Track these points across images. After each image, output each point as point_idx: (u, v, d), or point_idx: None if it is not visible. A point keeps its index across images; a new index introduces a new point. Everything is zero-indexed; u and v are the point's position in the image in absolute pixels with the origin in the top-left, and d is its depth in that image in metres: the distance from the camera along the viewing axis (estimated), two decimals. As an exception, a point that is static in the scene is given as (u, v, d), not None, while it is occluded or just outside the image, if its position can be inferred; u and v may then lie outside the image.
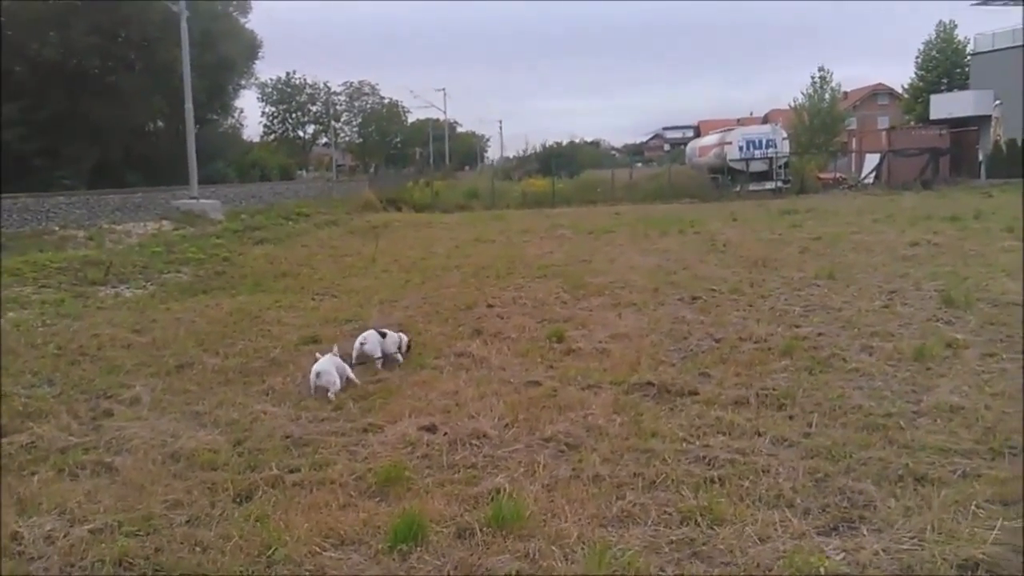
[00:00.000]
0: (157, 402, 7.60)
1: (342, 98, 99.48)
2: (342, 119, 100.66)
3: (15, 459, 6.14)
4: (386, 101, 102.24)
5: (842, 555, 4.32)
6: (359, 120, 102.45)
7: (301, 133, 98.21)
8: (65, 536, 4.76)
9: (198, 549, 4.58)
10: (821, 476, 5.40)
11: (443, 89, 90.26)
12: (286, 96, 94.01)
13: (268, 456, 6.09)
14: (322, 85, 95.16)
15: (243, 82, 61.77)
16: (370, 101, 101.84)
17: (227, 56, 52.18)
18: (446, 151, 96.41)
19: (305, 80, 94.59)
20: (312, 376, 7.77)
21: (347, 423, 6.90)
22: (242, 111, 69.33)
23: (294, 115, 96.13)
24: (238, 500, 5.34)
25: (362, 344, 8.75)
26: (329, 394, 7.58)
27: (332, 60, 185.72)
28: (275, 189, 42.65)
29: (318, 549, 4.56)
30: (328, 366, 7.80)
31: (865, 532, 4.60)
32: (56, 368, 8.88)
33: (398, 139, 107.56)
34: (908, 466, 5.46)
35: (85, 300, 13.54)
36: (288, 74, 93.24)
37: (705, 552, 4.44)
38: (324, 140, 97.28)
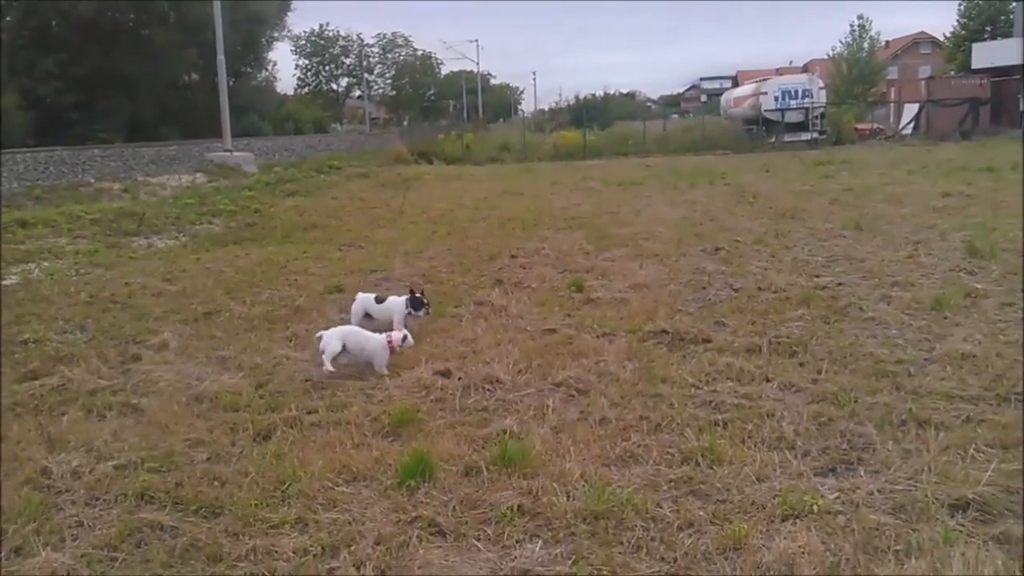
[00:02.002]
0: (184, 347, 7.84)
1: (375, 50, 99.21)
2: (375, 72, 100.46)
3: (46, 400, 6.40)
4: (419, 53, 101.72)
5: (836, 494, 4.42)
6: (392, 73, 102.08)
7: (335, 86, 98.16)
8: (91, 471, 4.99)
9: (216, 483, 4.80)
10: (825, 420, 5.48)
11: (476, 40, 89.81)
12: (319, 49, 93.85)
13: (288, 398, 6.30)
14: (355, 37, 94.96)
15: (276, 35, 61.95)
16: (403, 53, 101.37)
17: (259, 9, 52.30)
18: (479, 103, 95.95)
19: (338, 32, 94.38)
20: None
21: (364, 370, 7.07)
22: (275, 64, 69.62)
23: (327, 68, 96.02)
24: (257, 439, 5.54)
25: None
26: (325, 360, 6.85)
27: (365, 12, 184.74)
28: (308, 142, 42.83)
29: (330, 484, 4.74)
30: (331, 334, 7.13)
31: (862, 473, 4.69)
32: (88, 315, 9.17)
33: (432, 92, 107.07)
34: (912, 411, 5.52)
35: (118, 251, 13.86)
36: (321, 26, 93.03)
37: (702, 490, 4.56)
38: (358, 93, 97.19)
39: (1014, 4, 61.27)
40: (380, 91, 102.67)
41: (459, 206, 19.83)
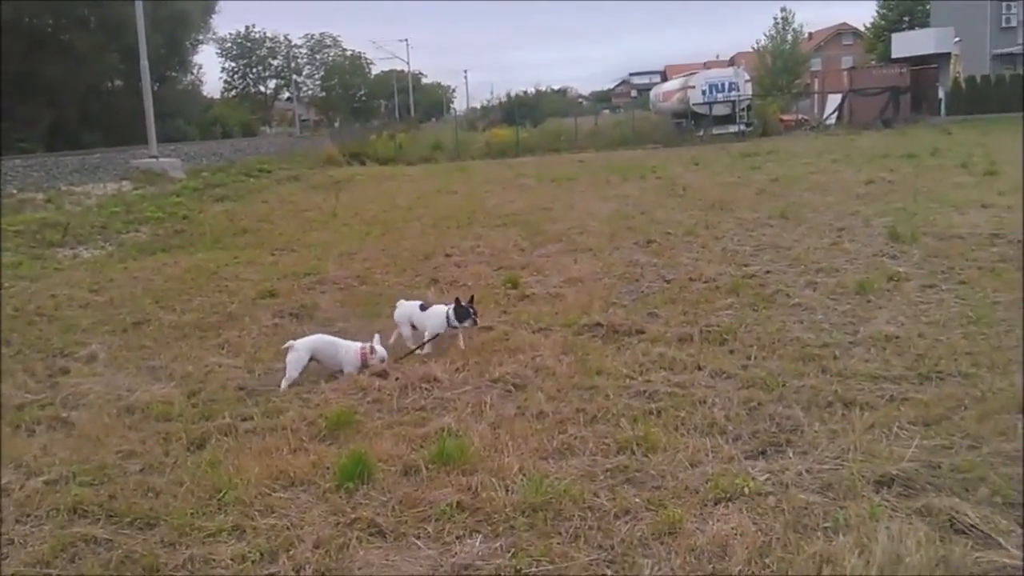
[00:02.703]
0: (113, 358, 7.70)
1: (303, 51, 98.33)
2: (304, 73, 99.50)
3: (-30, 418, 6.22)
4: (348, 53, 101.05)
5: (767, 476, 4.54)
6: (322, 73, 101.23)
7: (263, 88, 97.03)
8: (21, 488, 4.87)
9: (151, 494, 4.72)
10: (754, 405, 5.63)
11: (406, 40, 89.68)
12: (246, 51, 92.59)
13: (221, 406, 6.22)
14: (283, 38, 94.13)
15: (201, 37, 60.96)
16: (332, 54, 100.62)
17: (183, 10, 51.29)
18: (411, 103, 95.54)
19: (265, 34, 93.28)
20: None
21: (301, 373, 7.01)
22: (201, 67, 68.49)
23: (255, 70, 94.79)
24: (191, 448, 5.48)
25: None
26: (285, 378, 6.74)
27: (292, 13, 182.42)
28: (237, 146, 42.18)
29: (267, 491, 4.71)
30: (301, 344, 6.91)
31: (791, 454, 4.83)
32: (13, 329, 8.92)
33: (362, 92, 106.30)
34: (837, 392, 5.70)
35: (43, 262, 13.50)
36: (247, 28, 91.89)
37: (638, 478, 4.65)
38: (287, 95, 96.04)
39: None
40: (309, 92, 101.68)
41: (393, 206, 19.75)
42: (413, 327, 7.73)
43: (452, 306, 7.37)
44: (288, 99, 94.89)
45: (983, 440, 4.83)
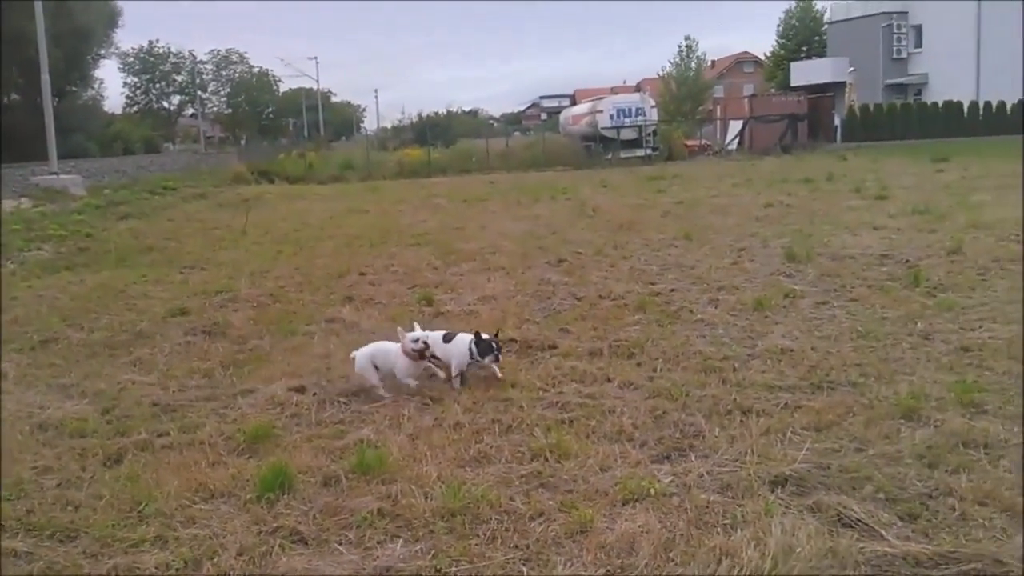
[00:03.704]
0: (22, 376, 7.54)
1: (209, 67, 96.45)
2: (209, 89, 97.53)
3: None
4: (256, 70, 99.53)
5: (671, 478, 4.83)
6: (227, 90, 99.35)
7: (166, 104, 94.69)
8: (-69, 504, 4.80)
9: (70, 508, 4.72)
10: (660, 413, 5.93)
11: (315, 58, 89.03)
12: (149, 66, 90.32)
13: (137, 422, 6.20)
14: (187, 54, 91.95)
15: (102, 51, 59.21)
16: (239, 70, 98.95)
17: (84, 24, 49.83)
18: (320, 121, 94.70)
19: (169, 49, 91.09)
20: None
21: (216, 389, 7.04)
22: (102, 82, 66.37)
23: (158, 85, 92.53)
24: (108, 464, 5.46)
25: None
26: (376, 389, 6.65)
27: (197, 28, 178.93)
28: (139, 163, 41.25)
29: (188, 503, 4.76)
30: (359, 355, 6.81)
31: (693, 458, 5.14)
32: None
33: (270, 109, 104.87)
34: (736, 401, 6.06)
35: (-62, 281, 13.01)
36: (151, 42, 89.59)
37: (551, 482, 4.88)
38: (191, 111, 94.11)
39: (826, 26, 66.40)
40: (215, 109, 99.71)
41: (304, 225, 19.66)
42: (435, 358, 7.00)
43: (471, 339, 6.83)
44: (192, 115, 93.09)
45: (869, 443, 5.23)
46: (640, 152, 42.94)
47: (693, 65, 67.06)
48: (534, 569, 3.95)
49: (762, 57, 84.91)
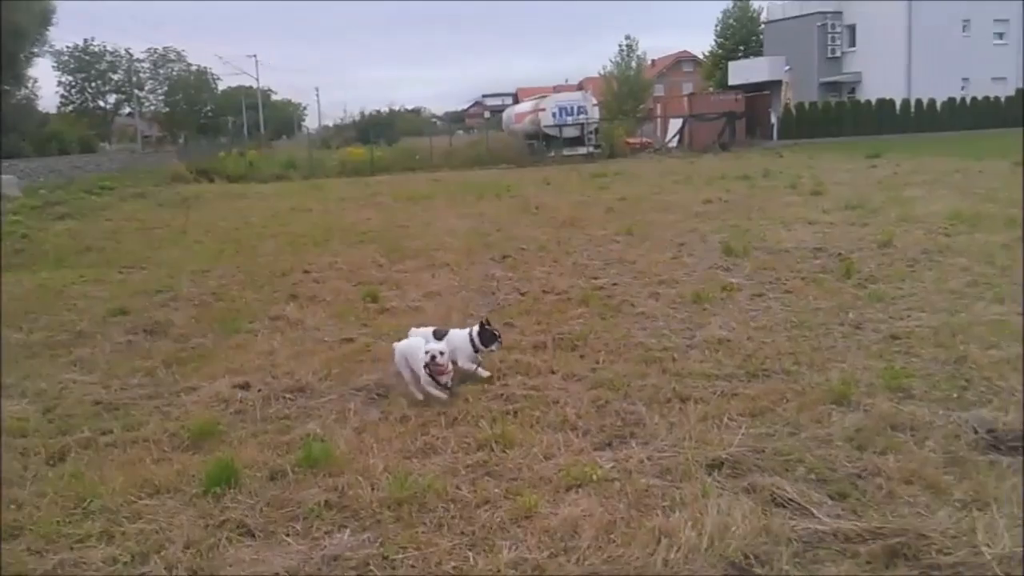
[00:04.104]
0: (-42, 378, 7.40)
1: (146, 66, 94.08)
2: (147, 88, 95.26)
3: None
4: (194, 68, 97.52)
5: (612, 464, 4.96)
6: (165, 88, 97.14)
7: (102, 103, 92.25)
8: None
9: (13, 507, 4.68)
10: (602, 403, 6.07)
11: (255, 55, 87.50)
12: (84, 64, 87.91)
13: (79, 421, 6.16)
14: (123, 52, 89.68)
15: (36, 50, 57.37)
16: (176, 68, 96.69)
17: (17, 23, 48.36)
18: (260, 120, 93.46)
19: (105, 47, 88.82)
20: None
21: (159, 387, 7.01)
22: (36, 81, 64.45)
23: (94, 84, 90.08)
24: (51, 462, 5.42)
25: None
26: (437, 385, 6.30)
27: (134, 26, 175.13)
28: (76, 163, 40.31)
29: (133, 499, 4.75)
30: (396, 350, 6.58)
31: (634, 445, 5.28)
32: None
33: (209, 108, 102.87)
34: (675, 389, 6.23)
35: None
36: (86, 41, 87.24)
37: (497, 471, 4.98)
38: (128, 110, 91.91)
39: (763, 26, 67.65)
40: (152, 108, 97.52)
41: (246, 224, 19.48)
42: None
43: (472, 330, 6.75)
44: (129, 114, 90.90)
45: (801, 427, 5.43)
46: (583, 150, 43.33)
47: (634, 64, 67.87)
48: (480, 554, 4.05)
49: (701, 56, 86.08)
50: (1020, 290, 8.80)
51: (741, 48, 72.37)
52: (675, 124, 49.21)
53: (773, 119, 51.21)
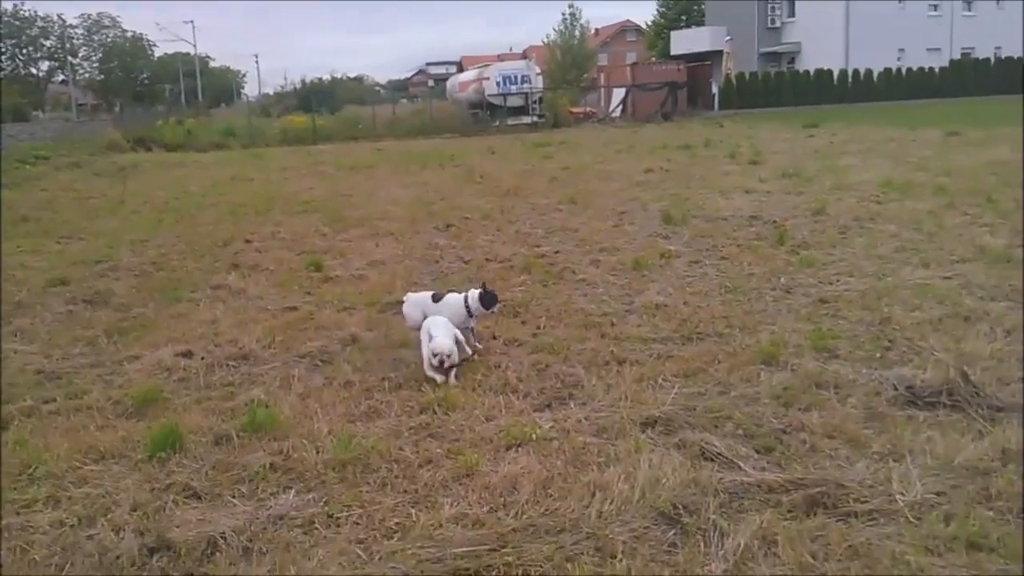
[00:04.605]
0: None
1: (79, 31, 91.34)
2: (80, 55, 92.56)
3: None
4: (129, 35, 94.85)
5: (551, 424, 5.14)
6: (100, 55, 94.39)
7: (34, 70, 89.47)
8: None
9: (-47, 476, 4.70)
10: (543, 366, 6.24)
11: (191, 21, 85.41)
12: (14, 30, 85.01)
13: (21, 390, 6.14)
14: (56, 18, 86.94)
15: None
16: (111, 35, 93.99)
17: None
18: (198, 88, 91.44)
19: (36, 13, 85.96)
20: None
21: (101, 356, 6.99)
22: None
23: (25, 51, 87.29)
24: (-7, 431, 5.42)
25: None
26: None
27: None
28: (8, 131, 38.91)
29: (78, 464, 4.80)
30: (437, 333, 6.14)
31: (572, 405, 5.47)
32: None
33: (145, 75, 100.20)
34: (613, 353, 6.43)
35: None
36: (15, 6, 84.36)
37: (439, 432, 5.12)
38: (61, 77, 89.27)
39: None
40: (87, 75, 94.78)
41: (186, 193, 19.21)
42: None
43: (475, 292, 6.65)
44: (63, 82, 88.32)
45: (731, 387, 5.67)
46: (527, 119, 43.36)
47: (577, 33, 67.93)
48: (422, 510, 4.19)
49: (644, 26, 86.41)
50: (948, 255, 9.20)
51: (683, 18, 72.92)
52: (618, 94, 49.41)
53: (714, 89, 51.73)
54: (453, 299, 6.72)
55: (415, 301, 6.92)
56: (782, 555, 3.67)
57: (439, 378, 5.96)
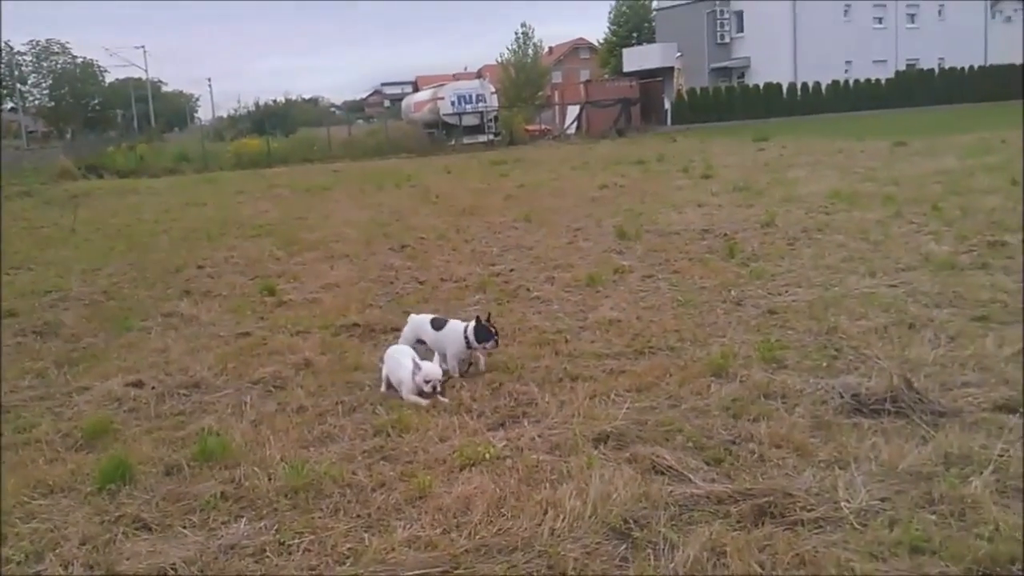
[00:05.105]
0: None
1: (28, 58, 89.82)
2: (30, 81, 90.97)
3: None
4: (79, 61, 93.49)
5: (505, 443, 5.16)
6: (50, 82, 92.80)
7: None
8: None
9: None
10: (496, 385, 6.27)
11: (143, 47, 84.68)
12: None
13: (-35, 427, 6.02)
14: (3, 45, 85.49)
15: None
16: (61, 61, 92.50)
17: None
18: (150, 112, 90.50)
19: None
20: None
21: (50, 388, 6.88)
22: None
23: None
24: (-63, 468, 5.31)
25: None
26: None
27: (12, 19, 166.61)
28: (-46, 161, 38.26)
29: (26, 499, 4.72)
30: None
31: (526, 424, 5.50)
32: None
33: (96, 101, 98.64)
34: (567, 370, 6.49)
35: None
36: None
37: (393, 455, 5.12)
38: (10, 105, 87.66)
39: (655, 13, 69.03)
40: (36, 102, 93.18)
41: (138, 220, 18.98)
42: (422, 343, 6.84)
43: (469, 325, 6.60)
44: (12, 110, 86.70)
45: (682, 400, 5.75)
46: (482, 138, 43.54)
47: (531, 52, 68.32)
48: (375, 534, 4.18)
49: (596, 44, 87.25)
50: (894, 264, 9.41)
51: (635, 35, 73.77)
52: (573, 111, 49.77)
53: (667, 105, 52.37)
54: (454, 328, 6.69)
55: (417, 323, 7.00)
56: (731, 565, 3.72)
57: (423, 403, 5.95)
